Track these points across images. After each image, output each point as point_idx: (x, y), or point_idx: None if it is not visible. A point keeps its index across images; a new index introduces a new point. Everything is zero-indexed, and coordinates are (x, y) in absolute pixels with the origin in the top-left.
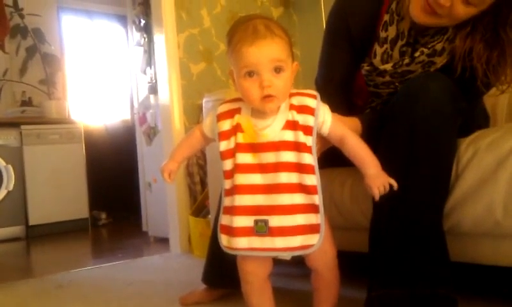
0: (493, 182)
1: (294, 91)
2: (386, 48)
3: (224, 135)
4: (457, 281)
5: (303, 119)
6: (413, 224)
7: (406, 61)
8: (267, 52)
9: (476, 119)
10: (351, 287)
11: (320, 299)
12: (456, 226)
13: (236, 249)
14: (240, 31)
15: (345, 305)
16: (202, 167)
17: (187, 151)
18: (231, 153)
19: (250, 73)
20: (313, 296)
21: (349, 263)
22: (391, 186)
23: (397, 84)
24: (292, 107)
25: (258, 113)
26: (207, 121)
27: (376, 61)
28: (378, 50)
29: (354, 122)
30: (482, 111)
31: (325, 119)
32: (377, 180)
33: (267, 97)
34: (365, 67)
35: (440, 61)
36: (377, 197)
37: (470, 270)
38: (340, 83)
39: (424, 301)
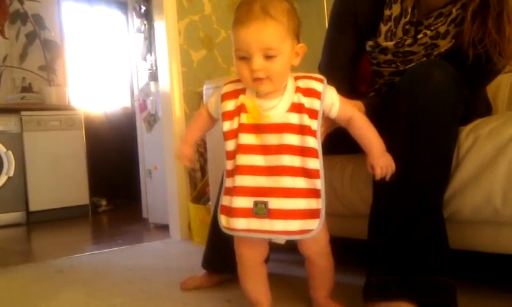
0: (492, 170)
1: (301, 74)
2: (390, 26)
3: (228, 116)
4: (456, 268)
5: (309, 102)
6: (413, 211)
7: (408, 41)
8: (256, 37)
9: (478, 107)
10: (350, 273)
11: (315, 285)
12: (456, 213)
13: (234, 229)
14: (239, 10)
15: (344, 291)
16: (202, 155)
17: (197, 133)
18: (234, 134)
19: (243, 56)
20: (308, 282)
21: (348, 250)
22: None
23: (398, 63)
24: (298, 89)
25: (263, 94)
26: (212, 101)
27: (380, 38)
28: (383, 28)
29: (359, 105)
30: (484, 100)
31: (334, 101)
32: (381, 159)
33: (257, 80)
34: (369, 43)
35: (444, 45)
36: (378, 177)
37: (469, 257)
38: (343, 70)
39: (422, 288)
